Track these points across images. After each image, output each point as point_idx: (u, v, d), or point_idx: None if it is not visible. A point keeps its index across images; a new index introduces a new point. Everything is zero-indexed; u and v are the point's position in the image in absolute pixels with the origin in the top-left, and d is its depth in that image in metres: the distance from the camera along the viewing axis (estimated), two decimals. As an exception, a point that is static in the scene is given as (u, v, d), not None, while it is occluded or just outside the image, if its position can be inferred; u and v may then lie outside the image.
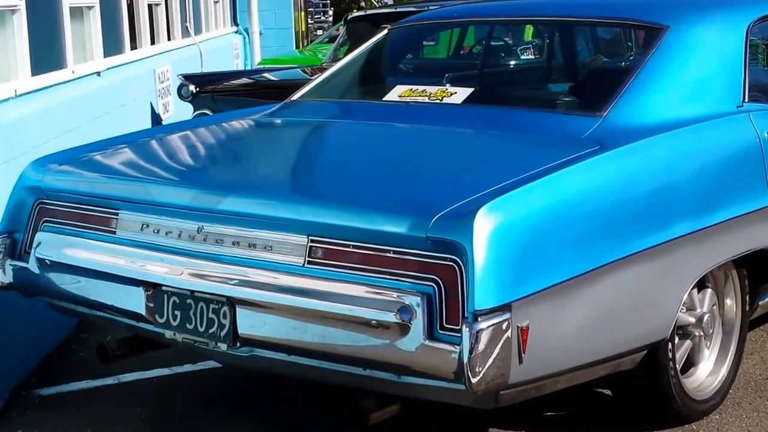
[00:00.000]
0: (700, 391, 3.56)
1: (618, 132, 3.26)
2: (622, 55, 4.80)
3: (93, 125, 5.70)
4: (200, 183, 3.36)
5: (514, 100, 4.15)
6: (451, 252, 2.61)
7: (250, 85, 7.76)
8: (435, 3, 9.17)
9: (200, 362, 4.11)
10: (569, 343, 2.88)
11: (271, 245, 2.92)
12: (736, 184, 3.44)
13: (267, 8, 13.99)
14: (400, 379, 2.77)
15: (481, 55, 5.39)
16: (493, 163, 3.23)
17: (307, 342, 2.85)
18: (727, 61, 3.71)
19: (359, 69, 4.53)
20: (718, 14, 3.96)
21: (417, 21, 4.78)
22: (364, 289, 2.73)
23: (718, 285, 3.60)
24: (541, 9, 4.59)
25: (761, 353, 4.16)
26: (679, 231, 3.14)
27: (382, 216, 2.76)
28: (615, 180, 3.05)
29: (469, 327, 2.57)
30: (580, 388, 3.19)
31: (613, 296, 2.97)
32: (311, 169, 3.58)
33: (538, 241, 2.75)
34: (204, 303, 3.03)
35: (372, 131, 3.75)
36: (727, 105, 3.60)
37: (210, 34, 12.03)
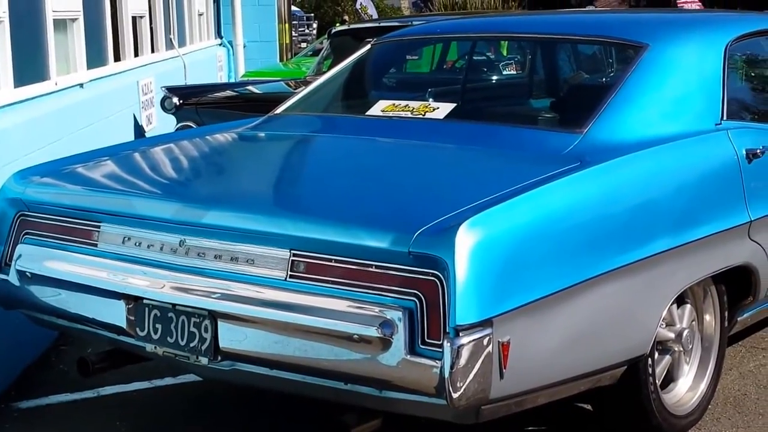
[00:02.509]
0: (680, 407, 3.58)
1: (598, 148, 3.28)
2: (603, 72, 4.84)
3: (76, 137, 5.69)
4: (182, 196, 3.37)
5: (495, 116, 4.18)
6: (432, 267, 2.63)
7: (233, 97, 7.76)
8: (419, 18, 9.23)
9: (181, 375, 4.10)
10: (550, 359, 2.90)
11: (254, 259, 2.92)
12: (714, 201, 3.47)
13: (251, 21, 13.98)
14: (382, 393, 2.78)
15: (463, 70, 5.41)
16: (475, 179, 3.25)
17: (288, 356, 2.85)
18: (706, 79, 3.75)
19: (343, 83, 4.54)
20: (698, 33, 4.01)
21: (400, 36, 4.80)
22: (345, 304, 2.75)
23: (697, 301, 3.62)
24: (523, 26, 4.62)
25: (740, 369, 4.19)
26: (659, 247, 3.17)
27: (364, 231, 2.77)
28: (595, 196, 3.07)
29: (451, 342, 2.58)
30: (561, 404, 3.20)
31: (593, 311, 2.99)
32: (294, 183, 3.59)
33: (519, 257, 2.76)
34: (185, 316, 3.03)
35: (355, 146, 3.76)
36: (705, 123, 3.64)
37: (194, 46, 12.02)
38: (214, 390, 4.01)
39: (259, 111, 4.52)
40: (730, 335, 3.93)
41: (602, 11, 9.79)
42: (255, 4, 14.27)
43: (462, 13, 13.62)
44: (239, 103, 7.49)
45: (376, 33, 5.97)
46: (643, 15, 5.51)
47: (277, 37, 15.01)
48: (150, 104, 8.54)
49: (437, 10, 26.95)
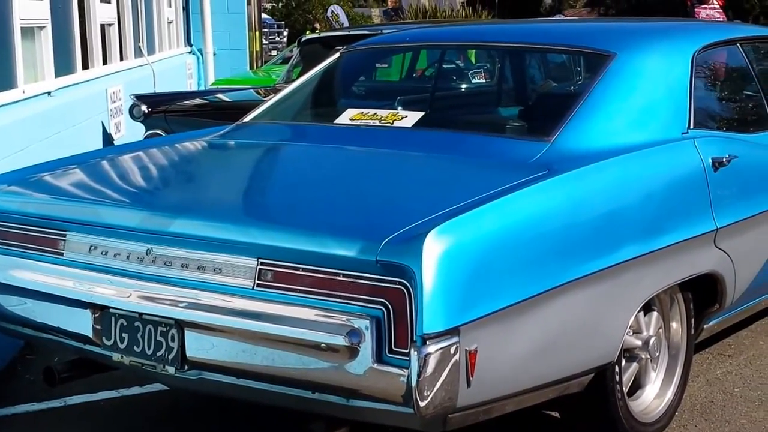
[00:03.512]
0: (647, 414, 3.59)
1: (566, 157, 3.30)
2: (571, 81, 4.87)
3: (43, 145, 5.65)
4: (149, 205, 3.35)
5: (464, 124, 4.18)
6: (400, 275, 2.63)
7: (203, 105, 7.73)
8: (388, 27, 9.25)
9: (148, 385, 4.07)
10: (518, 367, 2.90)
11: (221, 268, 2.91)
12: (681, 209, 3.50)
13: (221, 29, 13.95)
14: (349, 402, 2.77)
15: (432, 79, 5.42)
16: (443, 187, 3.26)
17: (255, 365, 2.84)
18: (673, 87, 3.77)
19: (311, 92, 4.54)
20: (664, 42, 4.04)
21: (369, 45, 4.81)
22: (313, 312, 2.74)
23: (664, 308, 3.64)
24: (491, 35, 4.64)
25: (707, 376, 4.22)
26: (626, 255, 3.18)
27: (331, 239, 2.77)
28: (563, 204, 3.08)
29: (418, 350, 2.58)
30: (529, 411, 3.21)
31: (561, 319, 3.00)
32: (261, 191, 3.58)
33: (487, 265, 2.77)
34: (152, 325, 3.01)
35: (322, 154, 3.76)
36: (672, 131, 3.66)
37: (163, 54, 11.97)
38: (182, 399, 3.98)
39: (228, 119, 4.51)
40: (697, 342, 3.96)
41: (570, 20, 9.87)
42: (225, 12, 14.25)
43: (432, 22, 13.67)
44: (208, 111, 7.47)
45: (345, 41, 5.98)
46: (611, 24, 5.55)
47: (247, 45, 14.99)
48: (119, 112, 8.49)
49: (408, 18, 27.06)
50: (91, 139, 7.38)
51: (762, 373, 4.25)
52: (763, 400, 3.96)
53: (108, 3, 9.07)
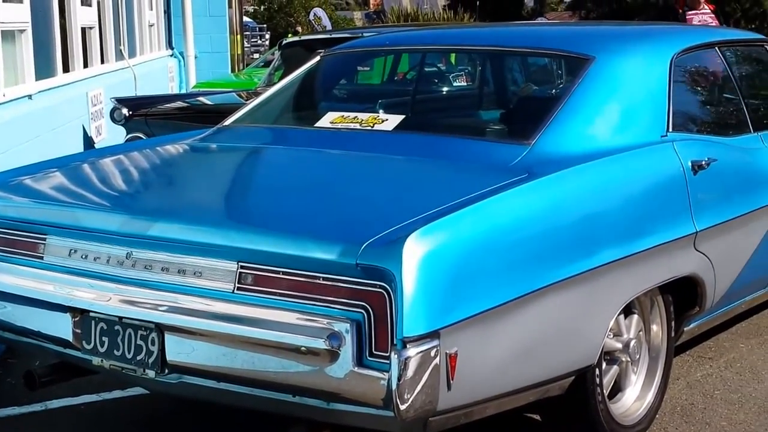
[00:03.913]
0: (627, 417, 3.60)
1: (546, 160, 3.31)
2: (551, 85, 4.88)
3: (24, 149, 5.64)
4: (130, 208, 3.34)
5: (444, 128, 4.19)
6: (380, 279, 2.63)
7: (184, 108, 7.72)
8: (370, 30, 9.25)
9: (129, 388, 4.06)
10: (498, 370, 2.91)
11: (201, 271, 2.90)
12: (660, 212, 3.51)
13: (202, 32, 13.93)
14: (330, 405, 2.77)
15: (413, 82, 5.43)
16: (423, 191, 3.26)
17: (236, 369, 2.84)
18: (652, 91, 3.79)
19: (292, 95, 4.54)
20: (643, 46, 4.06)
21: (350, 48, 4.81)
22: (293, 316, 2.74)
23: (644, 311, 3.65)
24: (472, 39, 4.66)
25: (687, 378, 4.23)
26: (606, 258, 3.19)
27: (312, 242, 2.77)
28: (543, 208, 3.09)
29: (398, 354, 2.58)
30: (510, 414, 3.22)
31: (541, 322, 3.01)
32: (242, 195, 3.57)
33: (467, 268, 2.77)
34: (132, 329, 3.01)
35: (303, 157, 3.75)
36: (651, 134, 3.68)
37: (144, 57, 11.95)
38: (163, 403, 3.97)
39: (210, 122, 4.50)
40: (678, 345, 3.97)
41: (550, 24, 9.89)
42: (206, 15, 14.23)
43: (414, 25, 13.70)
44: (190, 114, 7.45)
45: (327, 44, 5.96)
46: (590, 28, 5.58)
47: (229, 48, 14.97)
48: (99, 115, 8.47)
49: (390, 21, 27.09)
50: (71, 142, 7.36)
51: (742, 375, 4.28)
52: (743, 403, 3.98)
53: (89, 6, 9.05)
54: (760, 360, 4.45)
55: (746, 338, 4.74)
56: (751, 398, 4.02)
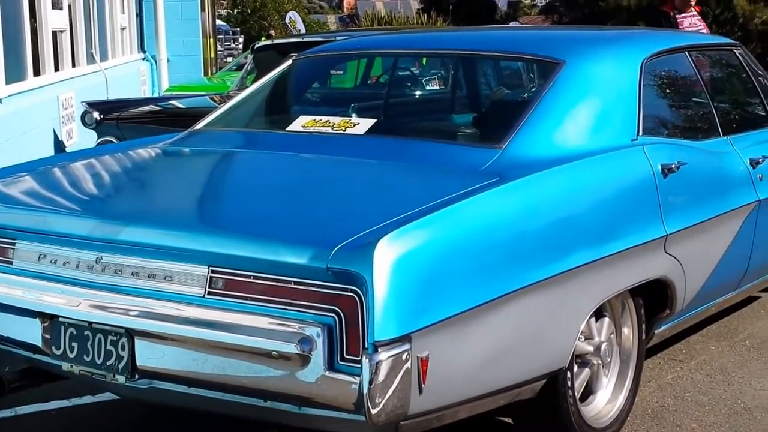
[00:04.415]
0: (599, 419, 3.61)
1: (517, 164, 3.32)
2: (523, 88, 4.90)
3: (-8, 152, 5.59)
4: (99, 212, 3.32)
5: (416, 131, 4.19)
6: (351, 283, 2.63)
7: (156, 112, 7.69)
8: (342, 33, 9.25)
9: (100, 394, 4.03)
10: (469, 373, 2.91)
11: (171, 276, 2.89)
12: (631, 216, 3.53)
13: (175, 35, 13.89)
14: (301, 410, 2.76)
15: (386, 86, 5.43)
16: (394, 194, 3.26)
17: (207, 374, 2.82)
18: (622, 95, 3.81)
19: (263, 99, 4.53)
20: (613, 50, 4.09)
21: (321, 52, 4.81)
22: (264, 320, 2.73)
23: (615, 314, 3.67)
24: (444, 43, 4.66)
25: (658, 381, 4.26)
26: (577, 261, 3.20)
27: (283, 247, 2.76)
28: (514, 211, 3.09)
29: (369, 358, 2.58)
30: (482, 417, 3.22)
31: (512, 326, 3.02)
32: (212, 199, 3.56)
33: (438, 272, 2.77)
34: (102, 334, 2.99)
35: (274, 161, 3.74)
36: (622, 138, 3.70)
37: (116, 60, 11.90)
38: (135, 409, 3.95)
39: (182, 126, 4.47)
40: (649, 348, 3.99)
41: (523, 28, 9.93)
42: (179, 19, 14.19)
43: (387, 29, 13.71)
44: (162, 117, 7.43)
45: (299, 48, 5.97)
46: (561, 32, 5.60)
47: (202, 52, 14.94)
48: (70, 119, 8.43)
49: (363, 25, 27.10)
50: (42, 146, 7.32)
51: (712, 377, 4.31)
52: (713, 405, 4.01)
53: (60, 9, 9.00)
54: (730, 362, 4.49)
55: (717, 340, 4.78)
56: (721, 400, 4.05)
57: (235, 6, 36.02)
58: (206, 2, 16.30)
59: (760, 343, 4.73)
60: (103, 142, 6.89)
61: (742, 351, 4.64)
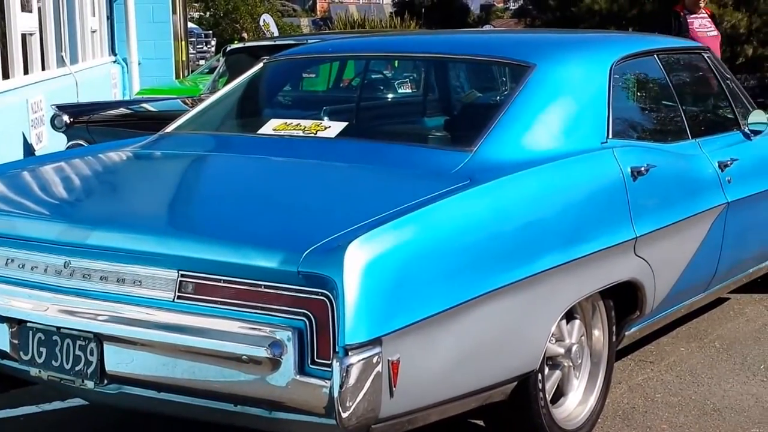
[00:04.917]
0: (570, 421, 3.62)
1: (487, 167, 3.32)
2: (494, 92, 4.91)
3: (-40, 156, 5.53)
4: (68, 216, 3.29)
5: (387, 134, 4.19)
6: (322, 286, 2.62)
7: (127, 115, 7.64)
8: (315, 36, 9.24)
9: (69, 399, 4.00)
10: (440, 376, 2.91)
11: (141, 280, 2.87)
12: (601, 218, 3.54)
13: (146, 38, 13.83)
14: (272, 414, 2.75)
15: (358, 89, 5.42)
16: (364, 198, 3.26)
17: (176, 378, 2.81)
18: (592, 98, 3.83)
19: (235, 102, 4.51)
20: (583, 53, 4.11)
21: (293, 55, 4.80)
22: (234, 324, 2.72)
23: (586, 316, 3.68)
24: (415, 46, 4.67)
25: (629, 382, 4.28)
26: (547, 264, 3.21)
27: (253, 250, 2.75)
28: (484, 214, 3.10)
29: (340, 361, 2.58)
30: (454, 420, 3.22)
31: (483, 329, 3.02)
32: (182, 202, 3.54)
33: (409, 275, 2.77)
34: (70, 339, 2.96)
35: (245, 165, 3.73)
36: (591, 141, 3.71)
37: (87, 63, 11.82)
38: (105, 414, 3.92)
39: (153, 129, 4.45)
40: (619, 349, 4.01)
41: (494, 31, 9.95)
42: (150, 21, 14.12)
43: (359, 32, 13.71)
44: (133, 121, 7.39)
45: (271, 51, 5.95)
46: (532, 35, 5.62)
47: (173, 55, 14.88)
48: (40, 122, 8.37)
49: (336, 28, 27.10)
50: (11, 149, 7.26)
51: (682, 378, 4.33)
52: (683, 406, 4.03)
53: (29, 12, 8.93)
54: (700, 363, 4.52)
55: (686, 342, 4.81)
56: (691, 401, 4.08)
57: (208, 9, 35.93)
58: (178, 5, 16.24)
59: (729, 345, 4.77)
60: (73, 146, 6.84)
61: (711, 352, 4.67)
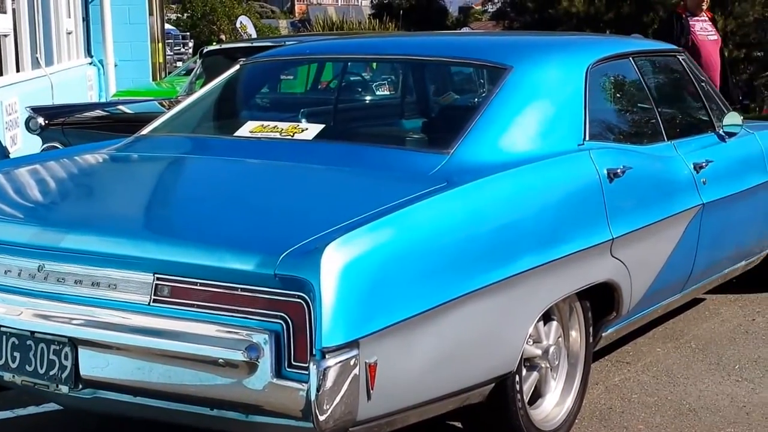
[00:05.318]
0: (547, 422, 3.63)
1: (465, 169, 3.32)
2: (472, 94, 4.92)
3: (-67, 159, 5.48)
4: (42, 220, 3.27)
5: (364, 137, 4.19)
6: (298, 289, 2.61)
7: (103, 117, 7.58)
8: (292, 38, 9.23)
9: (45, 404, 3.97)
10: (418, 378, 2.91)
11: (116, 284, 2.85)
12: (577, 220, 3.55)
13: (122, 39, 13.77)
14: (248, 418, 2.74)
15: (336, 91, 5.41)
16: (341, 200, 3.25)
17: (152, 382, 2.79)
18: (568, 100, 3.84)
19: (211, 104, 4.48)
20: (560, 56, 4.12)
21: (270, 57, 4.79)
22: (211, 328, 2.71)
23: (563, 317, 3.68)
24: (393, 48, 4.67)
25: (606, 383, 4.29)
26: (524, 265, 3.22)
27: (229, 253, 2.74)
28: (461, 216, 3.10)
29: (317, 364, 2.57)
30: (431, 422, 3.22)
31: (460, 330, 3.02)
32: (158, 205, 3.52)
33: (386, 278, 2.77)
34: (44, 344, 2.94)
35: (221, 167, 3.71)
36: (568, 143, 3.72)
37: (62, 65, 11.75)
38: (80, 419, 3.89)
39: (130, 131, 4.42)
40: (597, 350, 4.02)
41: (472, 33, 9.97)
42: (126, 23, 14.06)
43: (337, 34, 13.71)
44: (109, 123, 7.33)
45: (248, 53, 5.92)
46: (509, 38, 5.64)
47: (150, 56, 14.81)
48: (14, 125, 8.31)
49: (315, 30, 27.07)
50: (-15, 152, 7.19)
51: (659, 379, 4.35)
52: (659, 406, 4.05)
53: (3, 13, 8.88)
54: (676, 363, 4.54)
55: (663, 342, 4.83)
56: (667, 401, 4.10)
57: (185, 10, 35.80)
58: (154, 6, 16.18)
59: (705, 345, 4.79)
60: (48, 148, 6.79)
61: (687, 352, 4.69)
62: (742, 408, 4.03)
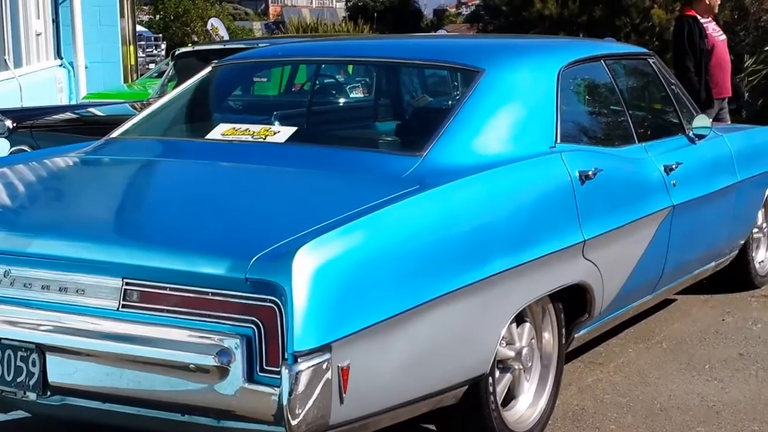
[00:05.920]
0: (521, 423, 3.63)
1: (437, 171, 3.32)
2: (445, 96, 4.92)
3: None
4: (8, 224, 3.23)
5: (337, 139, 4.18)
6: (270, 293, 2.60)
7: (73, 120, 7.51)
8: (265, 40, 9.19)
9: (12, 412, 3.91)
10: (391, 381, 2.91)
11: (84, 289, 2.83)
12: (549, 222, 3.56)
13: (93, 41, 13.67)
14: (220, 423, 2.73)
15: (309, 94, 5.40)
16: (313, 203, 3.24)
17: (122, 389, 2.78)
18: (540, 103, 3.85)
19: (182, 106, 4.45)
20: (532, 59, 4.13)
21: (242, 59, 4.77)
22: (181, 333, 2.70)
23: (535, 319, 3.69)
24: (366, 50, 4.67)
25: (579, 384, 4.30)
26: (497, 268, 3.22)
27: (200, 257, 2.73)
28: (433, 219, 3.10)
29: (289, 368, 2.56)
30: (405, 424, 3.21)
31: (433, 333, 3.02)
32: (127, 209, 3.49)
33: (358, 281, 2.76)
34: (11, 350, 2.91)
35: (191, 170, 3.69)
36: (540, 145, 3.73)
37: (31, 67, 11.66)
38: (49, 426, 3.85)
39: (100, 134, 4.38)
40: (569, 351, 4.03)
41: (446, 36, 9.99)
42: (97, 24, 13.96)
43: (311, 36, 13.68)
44: (79, 126, 7.25)
45: (221, 54, 5.88)
46: (482, 40, 5.65)
47: (122, 58, 14.72)
48: (-17, 127, 8.20)
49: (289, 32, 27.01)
50: (-47, 155, 7.10)
51: (631, 379, 4.37)
52: (631, 406, 4.06)
53: (-28, 14, 8.78)
54: (647, 364, 4.56)
55: (634, 343, 4.85)
56: (638, 401, 4.11)
57: (157, 12, 35.60)
58: (126, 8, 16.07)
59: (676, 345, 4.82)
60: (16, 152, 6.71)
61: (658, 352, 4.71)
62: (711, 407, 4.06)
